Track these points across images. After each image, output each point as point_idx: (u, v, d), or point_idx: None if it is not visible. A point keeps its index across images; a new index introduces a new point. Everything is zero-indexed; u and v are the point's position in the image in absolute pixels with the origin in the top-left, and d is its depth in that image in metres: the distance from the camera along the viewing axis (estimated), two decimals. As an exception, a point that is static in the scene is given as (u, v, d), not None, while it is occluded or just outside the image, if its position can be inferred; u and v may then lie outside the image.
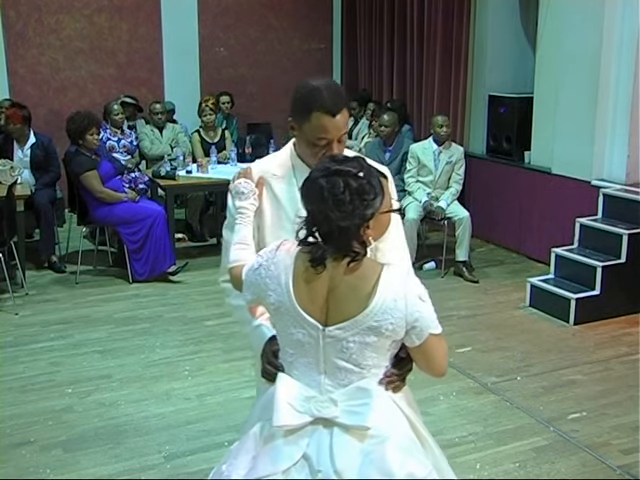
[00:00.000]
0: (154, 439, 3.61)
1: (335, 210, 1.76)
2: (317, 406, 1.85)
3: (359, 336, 1.82)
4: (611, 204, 5.48)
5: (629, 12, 5.48)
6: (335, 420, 1.83)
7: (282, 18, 9.02)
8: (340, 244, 1.80)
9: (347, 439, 1.82)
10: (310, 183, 1.82)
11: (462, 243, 6.03)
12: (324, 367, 1.87)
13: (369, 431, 1.82)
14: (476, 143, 7.13)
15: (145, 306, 5.46)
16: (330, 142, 2.06)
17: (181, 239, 7.05)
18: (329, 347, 1.84)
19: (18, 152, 6.37)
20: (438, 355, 1.90)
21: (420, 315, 1.83)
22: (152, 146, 7.27)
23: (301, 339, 1.87)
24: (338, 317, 1.83)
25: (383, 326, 1.80)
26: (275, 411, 1.85)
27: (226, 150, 7.17)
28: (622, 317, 5.16)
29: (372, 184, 1.80)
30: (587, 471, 3.36)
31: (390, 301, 1.80)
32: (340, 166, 1.80)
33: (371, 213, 1.80)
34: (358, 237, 1.81)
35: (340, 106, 2.06)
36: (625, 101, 5.61)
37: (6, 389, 4.15)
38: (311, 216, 1.82)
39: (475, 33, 6.92)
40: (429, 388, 4.10)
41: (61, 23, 8.14)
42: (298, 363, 1.90)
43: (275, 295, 1.88)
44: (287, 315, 1.87)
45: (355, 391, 1.85)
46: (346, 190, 1.76)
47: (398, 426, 1.89)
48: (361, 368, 1.85)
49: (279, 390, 1.88)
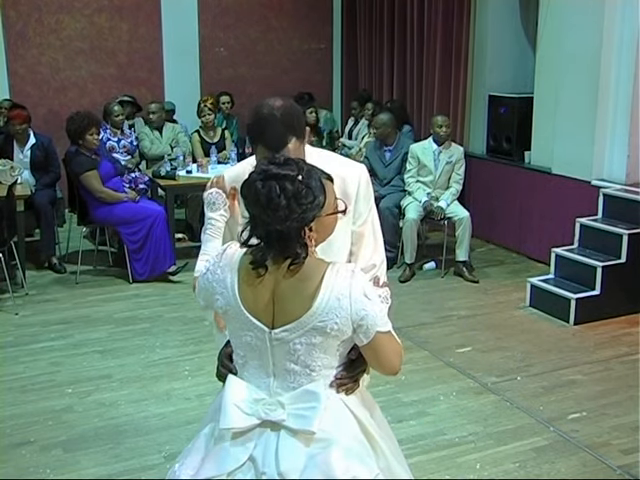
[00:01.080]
0: (154, 439, 3.61)
1: (271, 214, 1.75)
2: (265, 409, 1.85)
3: (305, 337, 1.80)
4: (611, 204, 5.48)
5: (629, 12, 5.47)
6: (282, 423, 1.83)
7: (282, 18, 9.02)
8: (279, 247, 1.79)
9: (293, 442, 1.81)
10: (248, 186, 1.81)
11: (462, 243, 6.02)
12: (273, 370, 1.87)
13: (316, 435, 1.81)
14: (476, 143, 7.13)
15: (145, 306, 5.46)
16: None
17: (181, 239, 7.06)
18: (277, 349, 1.84)
19: (18, 153, 6.38)
20: (388, 353, 1.86)
21: (366, 313, 1.79)
22: (152, 146, 7.27)
23: (250, 342, 1.87)
24: (283, 319, 1.82)
25: (328, 326, 1.78)
26: (222, 413, 1.86)
27: (226, 150, 7.17)
28: (622, 317, 5.16)
29: (310, 187, 1.78)
30: (587, 471, 3.36)
31: (334, 300, 1.78)
32: (278, 169, 1.78)
33: (311, 216, 1.78)
34: (299, 239, 1.79)
35: (282, 142, 2.07)
36: (625, 101, 5.61)
37: (6, 389, 4.15)
38: (251, 219, 1.82)
39: (475, 33, 6.92)
40: (429, 388, 4.11)
41: (61, 23, 8.14)
42: (249, 365, 1.91)
43: (222, 299, 1.89)
44: (235, 318, 1.88)
45: (303, 394, 1.84)
46: (282, 194, 1.74)
47: (347, 429, 1.87)
48: (310, 370, 1.84)
49: (227, 392, 1.89)
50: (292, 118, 2.13)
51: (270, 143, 2.07)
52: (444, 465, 3.39)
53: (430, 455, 3.46)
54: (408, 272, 6.05)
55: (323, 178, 1.84)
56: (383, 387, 4.01)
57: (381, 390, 3.96)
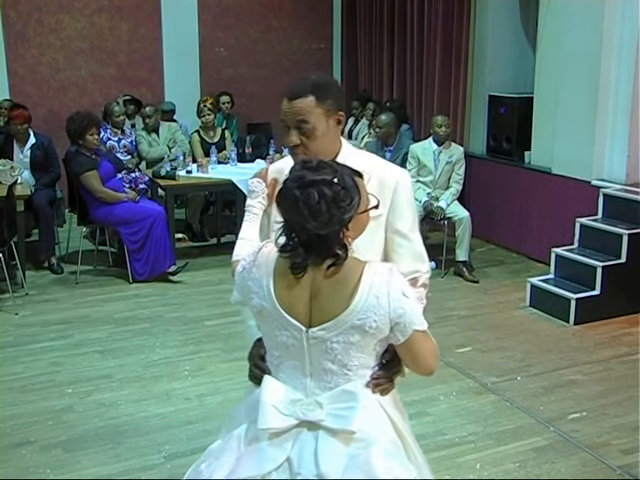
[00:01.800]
0: (154, 439, 3.61)
1: (312, 221, 1.74)
2: (303, 409, 1.84)
3: (343, 336, 1.80)
4: (611, 204, 5.48)
5: (629, 12, 5.48)
6: (320, 423, 1.82)
7: (282, 18, 9.02)
8: (321, 250, 1.79)
9: (332, 442, 1.81)
10: (285, 193, 1.80)
11: (462, 243, 6.02)
12: (310, 369, 1.86)
13: (355, 435, 1.80)
14: (476, 143, 7.13)
15: (145, 306, 5.46)
16: (288, 127, 2.08)
17: (181, 239, 7.05)
18: (314, 349, 1.83)
19: (18, 152, 6.37)
20: (424, 352, 1.86)
21: (404, 312, 1.80)
22: (150, 149, 7.22)
23: (285, 341, 1.86)
24: (321, 318, 1.82)
25: (366, 324, 1.79)
26: (260, 414, 1.85)
27: (226, 150, 7.16)
28: (622, 317, 5.16)
29: (347, 188, 1.78)
30: (587, 471, 3.36)
31: (372, 298, 1.78)
32: (314, 176, 1.77)
33: (349, 217, 1.78)
34: (338, 241, 1.79)
35: (300, 92, 2.06)
36: (625, 101, 5.61)
37: (6, 389, 4.15)
38: (289, 225, 1.81)
39: (475, 33, 6.92)
40: (429, 388, 4.11)
41: (61, 23, 8.15)
42: (284, 366, 1.90)
43: (257, 298, 1.88)
44: (270, 317, 1.87)
45: (341, 394, 1.84)
46: (322, 200, 1.74)
47: (383, 430, 1.87)
48: (347, 369, 1.84)
49: (265, 393, 1.88)
50: (324, 83, 2.12)
51: (288, 90, 2.09)
52: (444, 465, 3.39)
53: (430, 455, 3.43)
54: (408, 272, 6.03)
55: (354, 176, 1.84)
56: (383, 387, 4.01)
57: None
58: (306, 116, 2.06)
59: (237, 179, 6.33)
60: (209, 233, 7.28)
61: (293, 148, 2.10)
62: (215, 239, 7.15)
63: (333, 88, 2.15)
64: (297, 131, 2.07)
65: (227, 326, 5.00)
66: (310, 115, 2.06)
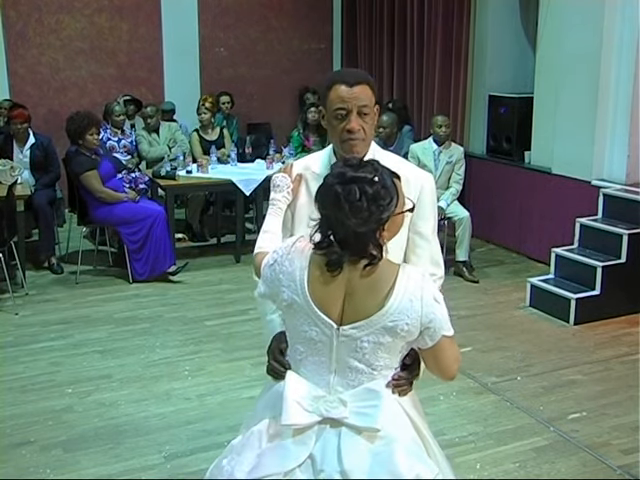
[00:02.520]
0: (154, 439, 3.61)
1: (352, 217, 1.76)
2: (326, 406, 1.85)
3: (374, 336, 1.82)
4: (611, 204, 5.48)
5: (629, 12, 5.48)
6: (344, 421, 1.83)
7: (282, 18, 9.02)
8: (357, 248, 1.81)
9: (356, 440, 1.82)
10: (325, 189, 1.82)
11: (462, 243, 6.03)
12: (335, 367, 1.87)
13: (378, 433, 1.82)
14: (476, 143, 7.13)
15: (145, 306, 5.46)
16: (349, 113, 2.08)
17: (181, 239, 7.05)
18: (343, 346, 1.85)
19: (18, 152, 6.37)
20: (449, 358, 1.89)
21: (435, 316, 1.83)
22: (150, 148, 7.23)
23: (314, 337, 1.87)
24: (354, 317, 1.83)
25: (399, 326, 1.81)
26: (284, 409, 1.85)
27: (225, 148, 7.19)
28: (622, 317, 5.16)
29: (387, 188, 1.80)
30: (587, 471, 3.36)
31: (406, 301, 1.81)
32: (355, 173, 1.79)
33: (387, 217, 1.80)
34: (375, 241, 1.81)
35: (358, 79, 2.10)
36: (625, 101, 5.61)
37: (6, 389, 4.15)
38: (326, 221, 1.82)
39: (475, 33, 6.92)
40: (429, 388, 4.10)
41: (61, 23, 8.15)
42: (307, 361, 1.90)
43: (288, 292, 1.88)
44: (300, 312, 1.88)
45: (364, 392, 1.85)
46: (362, 197, 1.76)
47: (404, 429, 1.89)
48: (373, 369, 1.86)
49: (288, 388, 1.88)
50: (368, 75, 2.19)
51: (346, 77, 2.11)
52: (444, 465, 3.39)
53: (430, 455, 3.46)
54: (408, 272, 6.03)
55: (393, 177, 1.86)
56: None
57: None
58: (367, 101, 2.10)
59: (237, 179, 6.33)
60: (209, 233, 7.28)
61: (351, 134, 2.10)
62: (215, 239, 7.15)
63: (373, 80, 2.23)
64: (358, 116, 2.09)
65: (227, 326, 5.00)
66: (369, 100, 2.11)
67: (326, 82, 2.16)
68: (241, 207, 6.64)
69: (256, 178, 6.36)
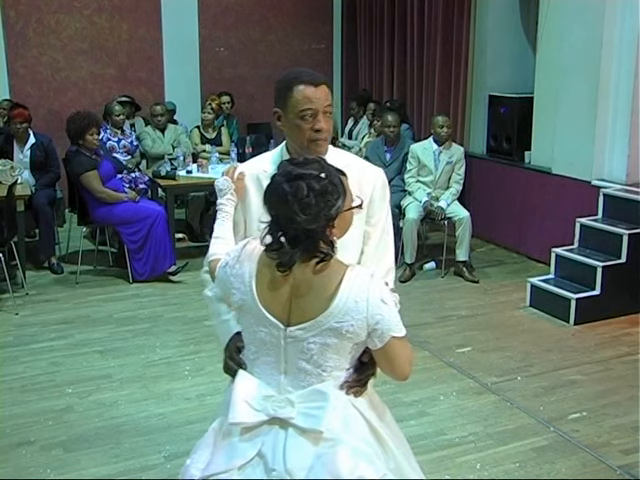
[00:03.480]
0: (154, 439, 3.61)
1: (301, 214, 1.75)
2: (274, 406, 1.85)
3: (320, 337, 1.81)
4: (611, 204, 5.48)
5: (629, 12, 5.48)
6: (290, 421, 1.84)
7: (282, 18, 9.02)
8: (308, 246, 1.80)
9: (300, 441, 1.82)
10: (273, 188, 1.81)
11: (462, 243, 6.02)
12: (285, 367, 1.88)
13: (323, 434, 1.81)
14: (476, 143, 7.13)
15: (145, 306, 5.46)
16: (315, 113, 2.08)
17: (181, 239, 7.06)
18: (290, 347, 1.85)
19: (18, 152, 6.37)
20: (401, 358, 1.87)
21: (382, 317, 1.81)
22: (154, 144, 7.29)
23: (263, 338, 1.88)
24: (300, 317, 1.83)
25: (344, 327, 1.80)
26: (231, 408, 1.87)
27: (223, 146, 7.28)
28: (622, 317, 5.16)
29: (334, 184, 1.80)
30: (587, 471, 3.36)
31: (351, 302, 1.79)
32: (302, 169, 1.79)
33: (335, 213, 1.80)
34: (325, 237, 1.81)
35: (320, 79, 2.10)
36: (625, 101, 5.61)
37: (6, 389, 4.15)
38: (276, 221, 1.82)
39: (475, 33, 6.92)
40: (429, 388, 4.11)
41: (61, 23, 8.15)
42: (260, 361, 1.92)
43: (239, 293, 1.90)
44: (250, 314, 1.89)
45: (312, 393, 1.85)
46: (310, 193, 1.76)
47: (355, 430, 1.87)
48: (322, 370, 1.85)
49: (237, 387, 1.90)
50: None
51: (310, 78, 2.09)
52: (444, 465, 3.39)
53: (430, 455, 3.46)
54: (408, 272, 6.05)
55: (339, 174, 1.87)
56: (383, 387, 3.99)
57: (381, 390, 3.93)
58: (330, 100, 2.11)
59: (237, 179, 6.33)
60: (209, 233, 7.24)
61: (319, 134, 2.10)
62: (215, 239, 7.14)
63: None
64: (324, 116, 2.10)
65: (227, 326, 5.00)
66: (330, 99, 2.12)
67: (285, 82, 2.13)
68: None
69: (256, 178, 6.35)
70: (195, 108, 8.34)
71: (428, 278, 6.13)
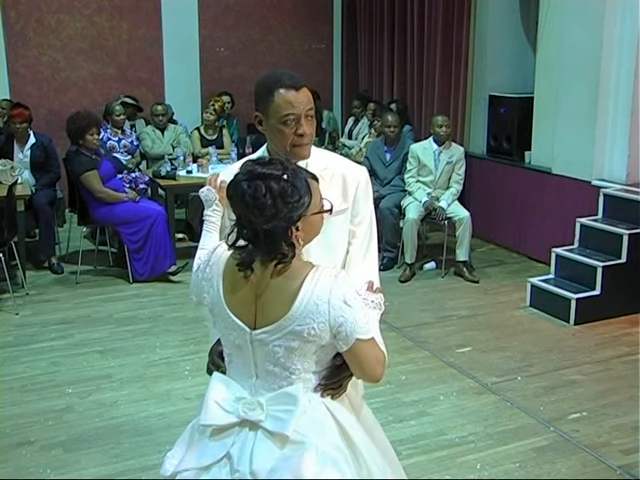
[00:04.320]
0: (154, 439, 3.61)
1: (257, 214, 1.74)
2: (245, 408, 1.85)
3: (284, 340, 1.80)
4: (611, 204, 5.48)
5: (629, 12, 5.47)
6: (259, 424, 1.84)
7: (282, 18, 9.02)
8: (267, 247, 1.79)
9: (267, 443, 1.82)
10: (234, 187, 1.80)
11: (462, 243, 6.02)
12: (255, 370, 1.88)
13: (291, 437, 1.80)
14: (476, 143, 7.13)
15: (145, 306, 5.46)
16: (298, 117, 2.06)
17: (182, 239, 7.06)
18: (258, 350, 1.85)
19: (18, 152, 6.38)
20: (369, 360, 1.84)
21: (344, 320, 1.77)
22: (154, 145, 7.30)
23: (234, 341, 1.88)
24: (264, 320, 1.82)
25: (305, 331, 1.78)
26: (203, 409, 1.89)
27: (225, 148, 7.24)
28: (622, 317, 5.16)
29: (296, 186, 1.77)
30: (587, 471, 3.36)
31: (312, 305, 1.77)
32: (263, 169, 1.77)
33: (297, 216, 1.77)
34: (286, 239, 1.78)
35: (300, 82, 2.07)
36: (625, 101, 5.60)
37: (6, 389, 4.15)
38: (238, 220, 1.81)
39: (475, 33, 6.92)
40: (429, 388, 4.11)
41: (61, 23, 8.15)
42: (234, 364, 1.93)
43: (209, 297, 1.91)
44: (220, 317, 1.90)
45: (282, 396, 1.84)
46: (267, 193, 1.74)
47: (326, 434, 1.85)
48: (290, 373, 1.84)
49: (210, 389, 1.92)
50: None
51: (291, 81, 2.06)
52: (444, 465, 3.39)
53: (430, 455, 3.46)
54: (408, 272, 6.05)
55: (308, 177, 1.84)
56: (383, 387, 4.01)
57: (381, 390, 3.96)
58: (311, 104, 2.09)
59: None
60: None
61: (302, 138, 2.08)
62: (215, 239, 7.15)
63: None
64: (306, 119, 2.08)
65: (227, 326, 5.00)
66: (312, 102, 2.10)
67: (265, 86, 2.09)
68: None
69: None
70: (195, 108, 8.33)
71: (428, 278, 6.13)
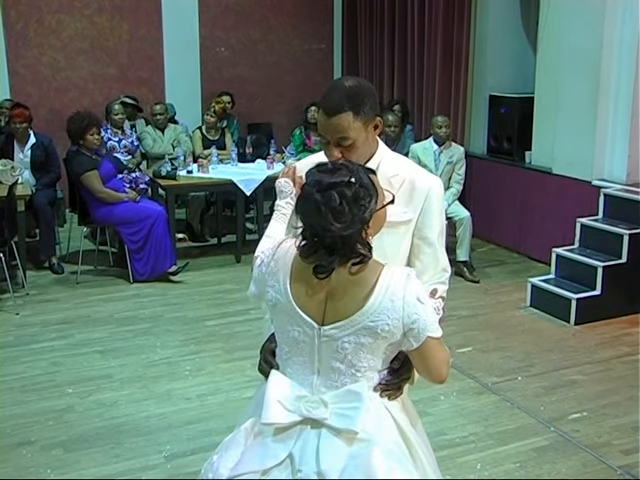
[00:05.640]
0: (155, 439, 3.61)
1: (335, 222, 1.75)
2: (307, 406, 1.84)
3: (354, 336, 1.81)
4: (612, 204, 5.48)
5: (629, 12, 5.47)
6: (324, 422, 1.83)
7: (282, 18, 9.02)
8: (345, 251, 1.79)
9: (334, 441, 1.81)
10: (305, 200, 1.80)
11: (463, 243, 6.02)
12: (318, 367, 1.87)
13: (357, 435, 1.80)
14: (477, 143, 7.13)
15: (146, 306, 5.46)
16: (328, 142, 2.05)
17: (182, 239, 7.05)
18: (324, 346, 1.84)
19: (18, 152, 6.37)
20: (437, 360, 1.87)
21: (418, 317, 1.80)
22: (154, 144, 7.30)
23: (297, 337, 1.87)
24: (335, 316, 1.82)
25: (379, 326, 1.79)
26: (264, 408, 1.86)
27: (226, 149, 7.22)
28: (623, 317, 5.16)
29: (365, 187, 1.79)
30: (588, 471, 3.36)
31: (387, 301, 1.79)
32: (332, 178, 1.78)
33: (370, 215, 1.80)
34: (361, 240, 1.80)
35: (338, 108, 2.00)
36: (625, 101, 5.61)
37: (7, 389, 4.15)
38: (310, 230, 1.81)
39: (475, 33, 6.92)
40: (430, 388, 4.10)
41: (61, 23, 8.14)
42: (292, 361, 1.91)
43: (273, 292, 1.90)
44: (284, 312, 1.88)
45: (346, 394, 1.84)
46: (343, 201, 1.75)
47: (387, 432, 1.87)
48: (355, 370, 1.84)
49: (270, 387, 1.89)
50: (358, 93, 2.07)
51: (326, 105, 2.04)
52: (444, 465, 3.38)
53: (430, 455, 3.46)
54: (408, 272, 6.04)
55: (369, 174, 1.85)
56: (383, 387, 4.01)
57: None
58: (346, 132, 2.02)
59: (238, 179, 6.33)
60: (209, 233, 7.28)
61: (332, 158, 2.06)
62: (215, 239, 7.14)
63: (368, 94, 2.11)
64: (338, 147, 2.04)
65: (228, 326, 5.00)
66: (350, 131, 2.03)
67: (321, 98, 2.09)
68: (241, 207, 6.64)
69: (257, 178, 6.36)
70: (195, 108, 8.33)
71: (428, 278, 6.12)
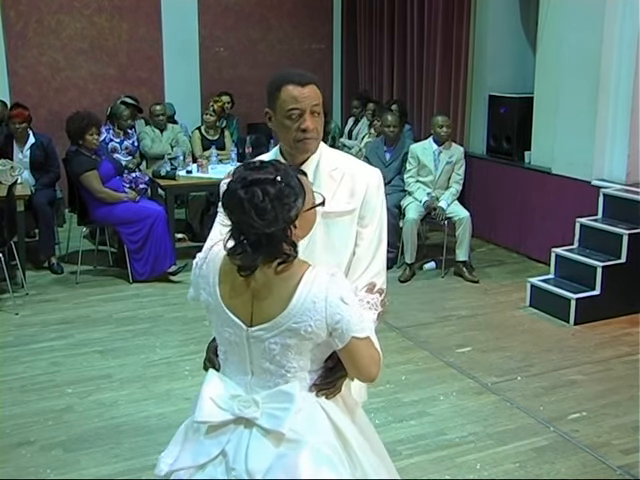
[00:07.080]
0: (154, 439, 3.60)
1: (258, 219, 1.75)
2: (240, 405, 1.86)
3: (280, 337, 1.81)
4: (611, 204, 5.48)
5: (629, 12, 5.48)
6: (255, 421, 1.84)
7: (282, 18, 9.02)
8: (270, 250, 1.80)
9: (263, 441, 1.82)
10: (229, 195, 1.80)
11: (462, 243, 6.02)
12: (251, 367, 1.88)
13: (287, 435, 1.81)
14: (476, 143, 7.13)
15: (145, 306, 5.46)
16: (302, 112, 2.10)
17: (181, 239, 7.06)
18: (254, 348, 1.85)
19: (18, 152, 6.37)
20: (365, 359, 1.85)
21: (341, 317, 1.79)
22: (153, 144, 7.28)
23: (229, 338, 1.89)
24: (261, 318, 1.83)
25: (302, 328, 1.79)
26: (198, 406, 1.90)
27: (226, 149, 7.21)
28: (622, 317, 5.16)
29: (291, 186, 1.79)
30: (587, 471, 3.36)
31: (309, 303, 1.78)
32: (256, 174, 1.78)
33: (295, 214, 1.79)
34: (287, 239, 1.80)
35: (308, 79, 2.12)
36: (625, 101, 5.61)
37: (6, 389, 4.15)
38: (236, 227, 1.82)
39: (475, 33, 6.92)
40: (429, 388, 4.11)
41: (61, 23, 8.14)
42: (229, 362, 1.93)
43: (205, 294, 1.93)
44: (215, 314, 1.91)
45: (278, 394, 1.85)
46: (266, 198, 1.75)
47: (320, 433, 1.85)
48: (285, 371, 1.84)
49: (205, 386, 1.93)
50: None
51: (298, 78, 2.12)
52: (444, 465, 3.39)
53: (430, 455, 3.46)
54: (408, 272, 6.05)
55: (298, 175, 1.85)
56: (383, 387, 4.02)
57: (381, 390, 3.97)
58: (319, 99, 2.13)
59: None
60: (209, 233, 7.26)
61: (306, 134, 2.11)
62: (215, 239, 7.14)
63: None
64: (311, 115, 2.11)
65: (227, 326, 5.00)
66: (319, 100, 2.13)
67: (274, 83, 2.17)
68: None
69: (256, 178, 6.35)
70: (195, 108, 8.33)
71: (428, 278, 6.13)
